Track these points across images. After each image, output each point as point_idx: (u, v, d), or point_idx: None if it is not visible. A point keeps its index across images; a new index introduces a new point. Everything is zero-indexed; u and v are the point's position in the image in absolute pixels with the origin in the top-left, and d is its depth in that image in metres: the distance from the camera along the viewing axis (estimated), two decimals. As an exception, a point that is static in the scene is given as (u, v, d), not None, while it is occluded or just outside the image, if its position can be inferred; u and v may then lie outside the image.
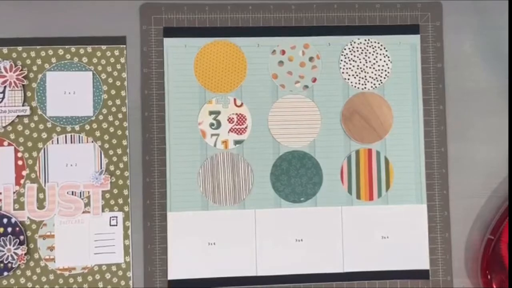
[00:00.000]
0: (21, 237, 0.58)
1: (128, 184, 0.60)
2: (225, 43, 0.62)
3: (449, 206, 0.62)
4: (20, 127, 0.59)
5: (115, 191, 0.60)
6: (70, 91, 0.60)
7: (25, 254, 0.58)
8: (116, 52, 0.61)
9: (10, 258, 0.57)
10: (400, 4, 0.63)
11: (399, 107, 0.62)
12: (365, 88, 0.62)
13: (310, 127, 0.62)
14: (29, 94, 0.59)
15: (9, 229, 0.58)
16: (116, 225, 0.60)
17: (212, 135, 0.61)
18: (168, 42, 0.61)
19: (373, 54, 0.62)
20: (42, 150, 0.59)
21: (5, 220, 0.58)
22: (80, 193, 0.59)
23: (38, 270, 0.58)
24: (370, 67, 0.62)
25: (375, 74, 0.62)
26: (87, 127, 0.60)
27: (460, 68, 0.63)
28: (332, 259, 0.61)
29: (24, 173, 0.59)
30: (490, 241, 0.60)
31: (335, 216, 0.61)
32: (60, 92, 0.60)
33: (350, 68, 0.62)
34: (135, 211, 0.60)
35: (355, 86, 0.62)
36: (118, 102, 0.60)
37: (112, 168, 0.60)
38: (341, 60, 0.62)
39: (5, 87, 0.59)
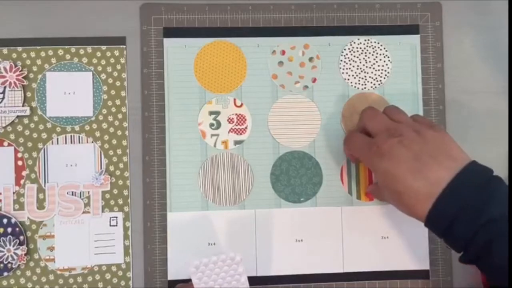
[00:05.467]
0: (21, 238, 0.58)
1: (128, 184, 0.60)
2: (225, 43, 0.62)
3: (449, 206, 0.62)
4: (20, 128, 0.59)
5: (115, 191, 0.60)
6: (70, 91, 0.60)
7: (25, 255, 0.58)
8: (116, 53, 0.61)
9: (10, 258, 0.57)
10: (400, 4, 0.63)
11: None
12: (365, 88, 0.62)
13: (310, 127, 0.62)
14: (29, 94, 0.59)
15: (9, 230, 0.58)
16: (116, 225, 0.60)
17: (212, 135, 0.61)
18: (168, 42, 0.61)
19: (373, 54, 0.62)
20: (42, 151, 0.59)
21: (5, 221, 0.58)
22: (80, 193, 0.59)
23: (38, 271, 0.58)
24: (370, 67, 0.62)
25: (375, 74, 0.62)
26: (87, 127, 0.60)
27: (460, 68, 0.63)
28: (332, 259, 0.61)
29: (24, 173, 0.59)
30: (490, 241, 0.60)
31: (335, 216, 0.61)
32: (60, 92, 0.60)
33: (350, 68, 0.62)
34: (135, 211, 0.60)
35: (355, 86, 0.62)
36: (118, 102, 0.60)
37: (112, 168, 0.60)
38: (341, 60, 0.62)
39: (5, 87, 0.59)
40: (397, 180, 0.50)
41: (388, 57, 0.62)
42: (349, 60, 0.62)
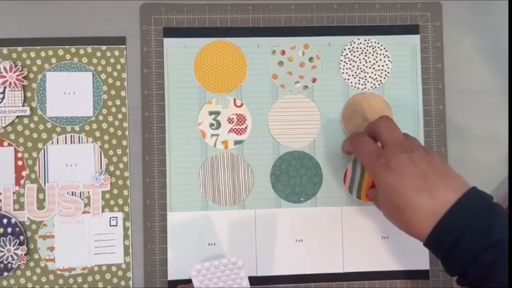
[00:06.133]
0: (21, 238, 0.58)
1: (128, 184, 0.60)
2: (225, 43, 0.62)
3: (449, 206, 0.62)
4: (20, 128, 0.59)
5: (115, 191, 0.60)
6: (70, 91, 0.60)
7: (25, 255, 0.58)
8: (116, 53, 0.61)
9: (10, 258, 0.57)
10: (400, 4, 0.63)
11: (399, 107, 0.62)
12: (365, 88, 0.62)
13: (310, 127, 0.62)
14: (29, 94, 0.59)
15: (9, 230, 0.58)
16: (116, 225, 0.60)
17: (212, 135, 0.61)
18: (168, 42, 0.61)
19: (373, 54, 0.62)
20: (42, 151, 0.59)
21: (5, 221, 0.58)
22: (80, 193, 0.59)
23: (38, 271, 0.58)
24: (370, 67, 0.62)
25: (375, 74, 0.62)
26: (87, 127, 0.60)
27: (460, 68, 0.63)
28: (332, 259, 0.61)
29: (24, 173, 0.59)
30: (490, 241, 0.60)
31: (335, 216, 0.61)
32: (60, 92, 0.60)
33: (350, 68, 0.62)
34: (135, 211, 0.60)
35: (355, 86, 0.62)
36: (118, 102, 0.60)
37: (112, 168, 0.60)
38: (341, 60, 0.62)
39: (5, 87, 0.59)
40: (400, 195, 0.50)
41: (388, 57, 0.62)
42: (349, 60, 0.62)
